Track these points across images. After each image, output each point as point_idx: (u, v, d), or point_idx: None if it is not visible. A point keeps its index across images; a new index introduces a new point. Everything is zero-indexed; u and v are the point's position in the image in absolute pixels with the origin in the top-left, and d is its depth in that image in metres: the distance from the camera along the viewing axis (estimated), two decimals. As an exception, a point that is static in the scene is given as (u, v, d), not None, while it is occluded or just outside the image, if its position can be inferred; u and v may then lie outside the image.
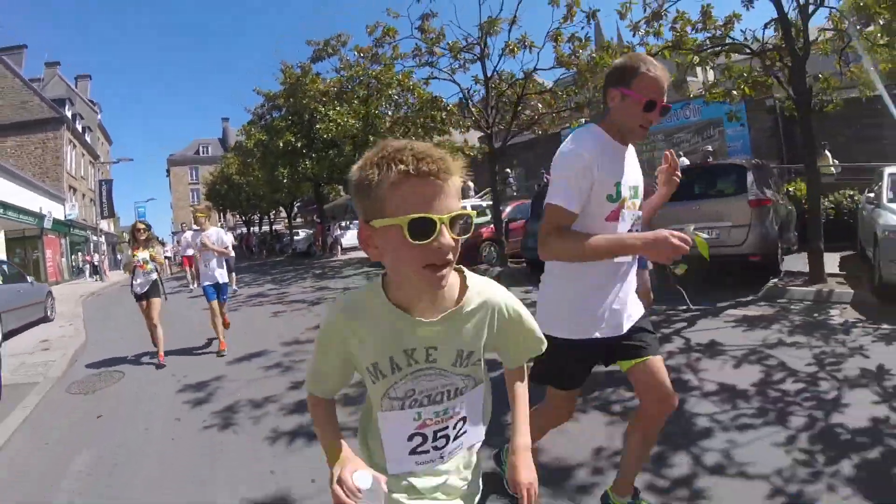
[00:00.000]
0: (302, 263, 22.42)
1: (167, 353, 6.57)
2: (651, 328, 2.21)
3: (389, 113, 16.81)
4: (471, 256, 12.48)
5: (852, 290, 6.66)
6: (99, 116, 50.02)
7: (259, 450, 3.67)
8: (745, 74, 8.87)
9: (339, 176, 20.71)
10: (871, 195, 8.37)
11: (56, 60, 46.24)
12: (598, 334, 2.05)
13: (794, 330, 5.42)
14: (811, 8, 7.55)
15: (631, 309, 2.14)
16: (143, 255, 6.49)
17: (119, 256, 45.02)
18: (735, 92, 8.62)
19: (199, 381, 5.49)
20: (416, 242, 0.96)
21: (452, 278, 1.14)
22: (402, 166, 0.96)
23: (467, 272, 1.21)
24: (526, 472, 1.32)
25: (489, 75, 12.02)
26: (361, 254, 22.60)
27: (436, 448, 1.23)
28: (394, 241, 0.99)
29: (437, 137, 14.39)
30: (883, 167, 8.51)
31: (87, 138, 42.02)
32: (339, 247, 24.52)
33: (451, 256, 1.02)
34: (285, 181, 21.83)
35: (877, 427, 3.13)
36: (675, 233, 1.76)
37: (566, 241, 1.91)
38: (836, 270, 8.11)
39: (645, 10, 8.68)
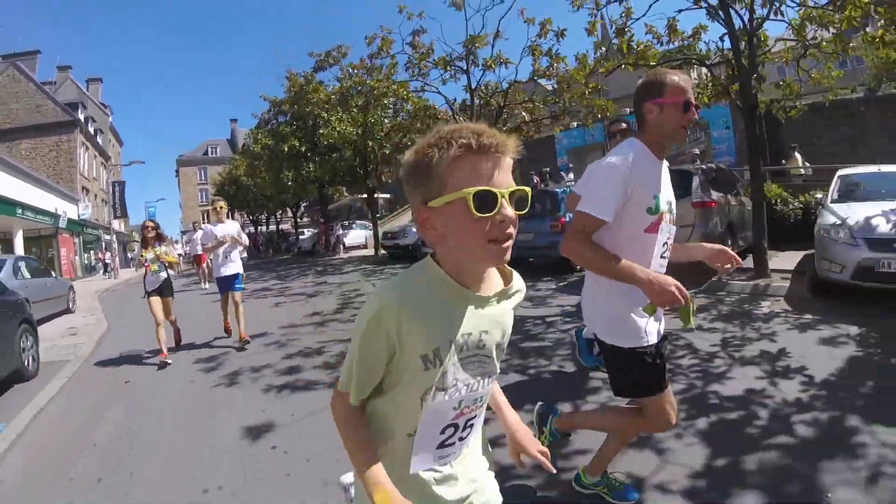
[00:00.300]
0: (305, 261, 23.37)
1: (183, 346, 7.05)
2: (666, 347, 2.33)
3: (386, 121, 17.76)
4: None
5: (787, 285, 7.25)
6: (110, 119, 51.13)
7: (255, 398, 4.73)
8: (709, 84, 9.68)
9: (340, 178, 21.62)
10: (819, 196, 9.06)
11: (68, 64, 47.61)
12: (650, 340, 2.16)
13: (716, 318, 6.12)
14: (756, 22, 8.35)
15: (662, 320, 2.27)
16: (149, 255, 6.50)
17: (129, 255, 46.16)
18: (708, 100, 9.42)
19: (210, 355, 6.46)
20: (481, 215, 0.97)
21: None
22: (462, 141, 0.98)
23: None
24: (535, 442, 1.40)
25: (474, 87, 12.96)
26: (362, 252, 23.52)
27: (461, 439, 1.21)
28: (457, 218, 1.00)
29: None
30: (841, 168, 9.14)
31: (99, 140, 43.16)
32: (341, 246, 25.49)
33: (511, 230, 1.02)
34: (290, 183, 22.79)
35: (748, 396, 3.68)
36: (680, 286, 1.88)
37: (586, 248, 2.03)
38: (790, 268, 8.54)
39: (611, 28, 9.52)
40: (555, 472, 1.41)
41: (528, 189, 1.05)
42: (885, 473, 2.66)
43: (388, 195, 37.08)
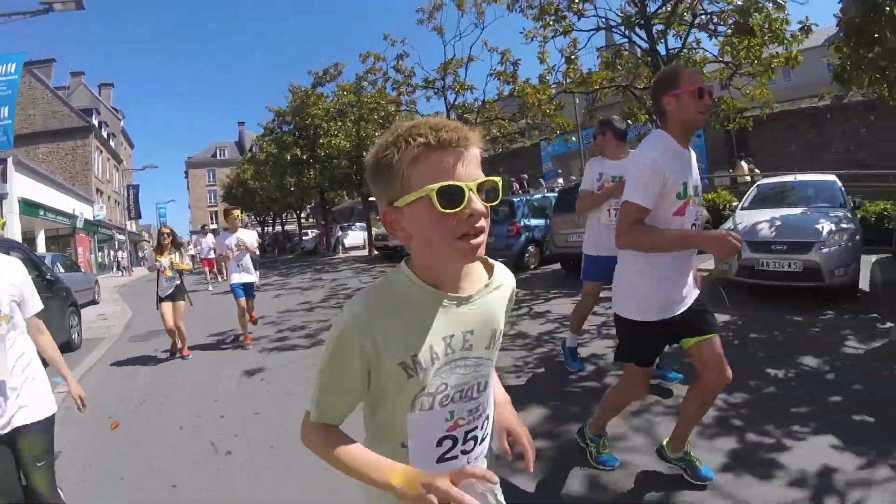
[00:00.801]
0: (307, 260, 25.18)
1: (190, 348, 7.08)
2: (709, 309, 2.53)
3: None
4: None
5: (692, 280, 8.52)
6: (122, 123, 52.92)
7: (253, 355, 6.53)
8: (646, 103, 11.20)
9: (339, 184, 23.27)
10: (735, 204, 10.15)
11: (81, 70, 49.56)
12: (667, 315, 2.38)
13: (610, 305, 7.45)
14: (671, 53, 9.89)
15: (691, 292, 2.47)
16: (165, 261, 6.53)
17: (141, 254, 47.89)
18: (630, 121, 10.97)
19: (220, 332, 8.13)
20: (447, 211, 0.93)
21: None
22: (420, 139, 0.93)
23: None
24: (524, 428, 1.29)
25: (451, 105, 14.70)
26: (360, 252, 25.15)
27: (464, 452, 1.13)
28: (423, 217, 0.96)
29: None
30: (774, 176, 10.06)
31: (112, 144, 44.97)
32: (340, 246, 27.41)
33: (482, 224, 0.98)
34: (293, 189, 24.40)
35: (590, 358, 4.94)
36: (732, 234, 2.04)
37: (643, 233, 2.23)
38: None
39: (561, 56, 11.13)
40: (532, 471, 1.20)
41: (497, 179, 1.01)
42: (651, 411, 3.64)
43: (387, 198, 38.66)
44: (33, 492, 2.29)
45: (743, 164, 15.71)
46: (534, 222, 11.80)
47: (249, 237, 7.07)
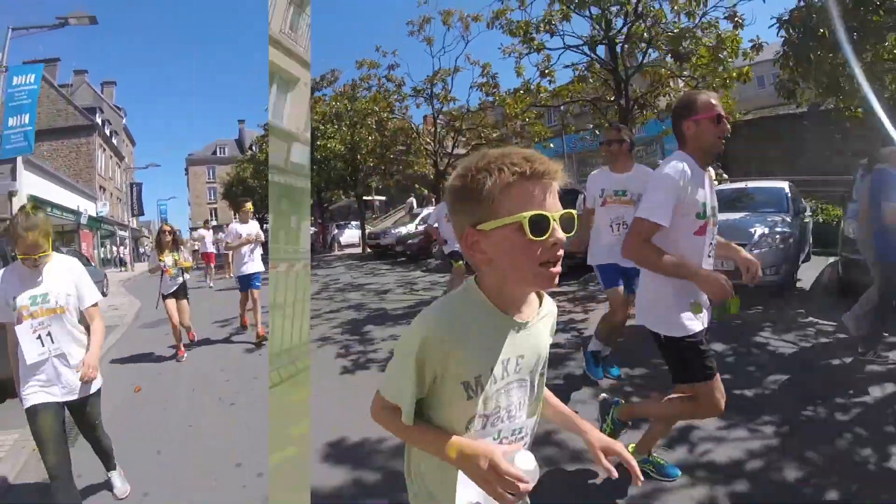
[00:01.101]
0: (304, 257, 25.94)
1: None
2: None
3: (371, 137, 20.42)
4: (424, 253, 16.21)
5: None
6: (123, 121, 53.60)
7: (253, 337, 7.27)
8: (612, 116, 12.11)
9: (335, 185, 24.24)
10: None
11: (84, 69, 50.37)
12: (700, 326, 2.38)
13: (567, 300, 8.15)
14: (628, 72, 10.77)
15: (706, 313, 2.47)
16: (168, 259, 6.48)
17: (142, 250, 48.65)
18: (598, 132, 11.94)
19: (224, 318, 9.02)
20: (535, 238, 0.98)
21: None
22: (516, 167, 0.99)
23: None
24: (619, 444, 1.28)
25: (438, 112, 15.78)
26: (354, 250, 26.07)
27: None
28: (510, 241, 1.00)
29: (409, 170, 18.27)
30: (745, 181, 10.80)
31: (114, 141, 45.74)
32: (336, 244, 28.48)
33: (561, 253, 1.03)
34: (291, 188, 25.30)
35: None
36: (727, 280, 2.16)
37: (649, 251, 2.25)
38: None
39: (537, 69, 12.05)
40: (642, 481, 1.16)
41: (574, 212, 1.06)
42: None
43: (383, 198, 39.62)
44: (96, 438, 3.11)
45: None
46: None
47: (255, 228, 7.38)
